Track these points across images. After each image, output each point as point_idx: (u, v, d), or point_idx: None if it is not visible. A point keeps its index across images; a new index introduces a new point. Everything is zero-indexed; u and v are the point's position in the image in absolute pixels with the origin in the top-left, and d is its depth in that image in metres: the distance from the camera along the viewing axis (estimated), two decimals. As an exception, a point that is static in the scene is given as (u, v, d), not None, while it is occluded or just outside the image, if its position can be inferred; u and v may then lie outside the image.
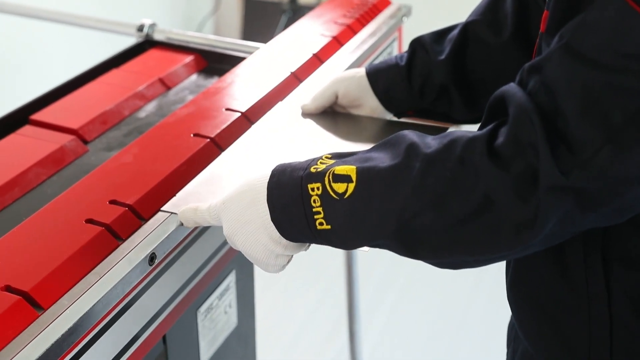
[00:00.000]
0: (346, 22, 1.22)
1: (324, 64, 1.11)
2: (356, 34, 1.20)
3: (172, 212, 0.78)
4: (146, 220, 0.77)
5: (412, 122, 0.96)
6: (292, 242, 0.71)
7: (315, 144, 0.90)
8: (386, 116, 0.97)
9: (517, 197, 0.60)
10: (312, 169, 0.68)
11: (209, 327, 1.01)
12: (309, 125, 0.94)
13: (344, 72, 0.98)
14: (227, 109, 0.97)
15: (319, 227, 0.67)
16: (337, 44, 1.16)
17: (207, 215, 0.75)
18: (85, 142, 0.98)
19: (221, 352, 1.05)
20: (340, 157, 0.69)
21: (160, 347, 0.89)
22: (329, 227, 0.67)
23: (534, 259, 0.73)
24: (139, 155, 0.87)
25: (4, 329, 0.63)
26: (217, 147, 0.90)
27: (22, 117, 1.01)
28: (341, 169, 0.67)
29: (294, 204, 0.68)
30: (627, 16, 0.57)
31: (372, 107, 0.96)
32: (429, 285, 2.29)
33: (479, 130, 0.65)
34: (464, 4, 3.33)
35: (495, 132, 0.62)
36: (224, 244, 0.90)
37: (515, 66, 0.73)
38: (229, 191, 0.73)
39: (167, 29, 1.26)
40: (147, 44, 1.25)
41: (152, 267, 0.74)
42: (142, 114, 1.06)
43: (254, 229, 0.70)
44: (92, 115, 1.01)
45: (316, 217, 0.67)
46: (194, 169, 0.85)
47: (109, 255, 0.72)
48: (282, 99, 1.01)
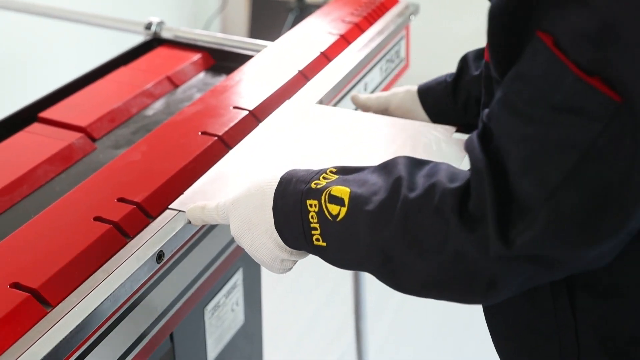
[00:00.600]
0: (354, 20, 1.21)
1: (331, 62, 1.11)
2: (364, 32, 1.20)
3: (179, 210, 0.78)
4: (154, 218, 0.77)
5: (419, 124, 0.96)
6: (296, 250, 0.71)
7: (322, 143, 0.90)
8: None
9: (484, 257, 0.59)
10: (313, 185, 0.68)
11: (216, 325, 1.01)
12: (316, 124, 0.94)
13: (401, 87, 1.03)
14: (235, 107, 0.97)
15: (315, 242, 0.68)
16: (345, 42, 1.16)
17: (214, 213, 0.75)
18: (93, 139, 0.98)
19: (228, 350, 1.05)
20: (344, 172, 0.69)
21: (167, 344, 0.89)
22: (325, 244, 0.68)
23: None
24: (147, 153, 0.87)
25: (13, 326, 0.63)
26: (225, 145, 0.90)
27: (30, 114, 1.02)
28: (337, 190, 0.67)
29: (295, 217, 0.68)
30: (555, 67, 0.55)
31: (422, 121, 1.00)
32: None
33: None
34: (471, 3, 3.32)
35: (468, 188, 0.61)
36: (231, 242, 0.90)
37: None
38: (238, 191, 0.73)
39: (175, 27, 1.26)
40: (154, 42, 1.25)
41: (160, 265, 0.74)
42: (149, 111, 1.06)
43: (260, 233, 0.71)
44: (100, 113, 1.01)
45: (313, 232, 0.68)
46: (202, 167, 0.85)
47: (117, 252, 0.72)
48: (289, 97, 1.01)
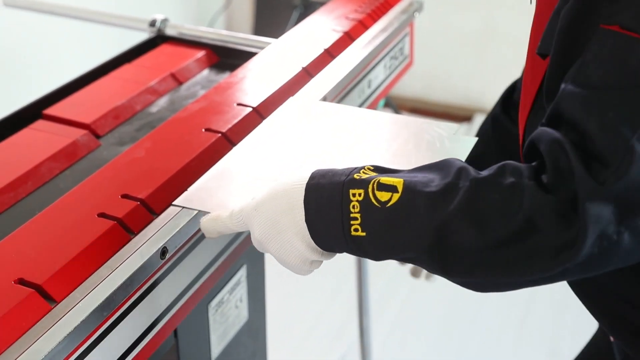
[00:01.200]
0: (358, 17, 1.21)
1: (335, 59, 1.11)
2: (368, 29, 1.20)
3: (183, 207, 0.78)
4: (158, 214, 0.77)
5: (419, 118, 0.96)
6: (326, 249, 0.71)
7: (325, 140, 0.90)
8: None
9: (560, 220, 0.63)
10: (356, 176, 0.69)
11: (220, 322, 1.01)
12: (319, 121, 0.94)
13: None
14: (239, 104, 0.97)
15: (354, 232, 0.67)
16: (349, 40, 1.16)
17: (229, 222, 0.74)
18: (97, 136, 0.98)
19: (232, 347, 1.05)
20: (383, 171, 0.70)
21: (171, 341, 0.89)
22: (364, 234, 0.67)
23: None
24: (151, 150, 0.87)
25: (17, 321, 0.63)
26: (229, 142, 0.90)
27: (35, 111, 1.02)
28: (387, 180, 0.67)
29: (332, 207, 0.68)
30: (624, 43, 0.65)
31: None
32: (439, 279, 2.28)
33: None
34: (475, 0, 3.30)
35: (539, 167, 0.66)
36: (236, 238, 0.90)
37: None
38: (258, 196, 0.72)
39: (179, 24, 1.26)
40: (159, 39, 1.25)
41: (163, 261, 0.74)
42: (154, 108, 1.06)
43: (290, 237, 0.70)
44: (104, 110, 1.01)
45: (352, 222, 0.67)
46: (206, 164, 0.85)
47: (121, 249, 0.73)
48: (293, 94, 1.01)
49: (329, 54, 1.11)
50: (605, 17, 0.66)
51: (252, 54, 1.15)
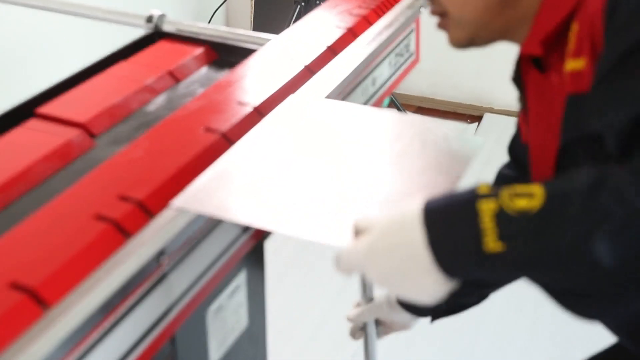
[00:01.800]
0: (362, 13, 1.19)
1: (338, 56, 1.09)
2: (372, 25, 1.18)
3: (181, 208, 0.76)
4: (155, 216, 0.75)
5: (425, 117, 0.95)
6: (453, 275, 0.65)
7: (327, 138, 0.88)
8: None
9: None
10: (480, 191, 0.64)
11: (219, 328, 0.99)
12: (321, 118, 0.92)
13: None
14: (239, 103, 0.95)
15: (488, 249, 0.62)
16: (352, 36, 1.14)
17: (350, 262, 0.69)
18: (92, 136, 0.96)
19: (231, 353, 1.03)
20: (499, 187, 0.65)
21: (168, 347, 0.87)
22: (501, 247, 0.61)
23: None
24: (148, 149, 0.85)
25: (11, 325, 0.62)
26: (229, 142, 0.88)
27: (27, 110, 1.00)
28: (522, 187, 0.62)
29: (460, 226, 0.63)
30: None
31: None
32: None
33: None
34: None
35: None
36: (235, 241, 0.87)
37: None
38: (367, 240, 0.67)
39: (177, 20, 1.24)
40: (156, 36, 1.23)
41: (160, 264, 0.72)
42: (151, 107, 1.04)
43: (416, 280, 0.65)
44: (99, 108, 0.99)
45: (486, 238, 0.62)
46: (205, 164, 0.83)
47: (117, 251, 0.71)
48: (294, 92, 0.99)
49: (332, 52, 1.10)
50: None
51: (253, 51, 1.13)
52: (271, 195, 0.78)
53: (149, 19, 1.24)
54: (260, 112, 0.94)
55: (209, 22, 3.07)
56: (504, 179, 1.14)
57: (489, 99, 3.24)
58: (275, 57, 1.08)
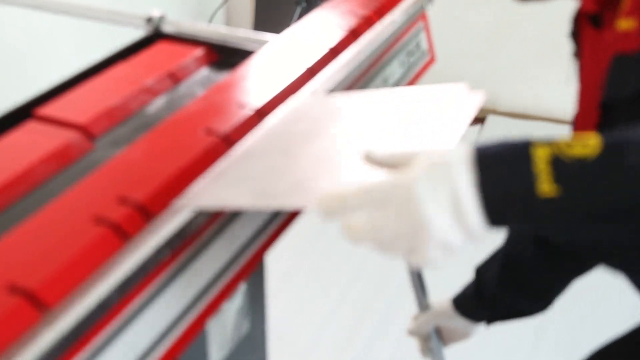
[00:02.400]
0: (363, 13, 1.18)
1: (339, 57, 1.08)
2: (373, 25, 1.17)
3: (182, 206, 0.75)
4: (155, 217, 0.75)
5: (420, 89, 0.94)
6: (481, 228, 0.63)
7: (330, 136, 0.87)
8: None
9: None
10: (533, 139, 0.63)
11: (219, 332, 0.98)
12: (323, 119, 0.91)
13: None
14: (239, 105, 0.94)
15: (541, 193, 0.60)
16: (354, 37, 1.13)
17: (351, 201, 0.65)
18: (92, 138, 0.95)
19: (232, 358, 1.03)
20: None
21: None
22: (556, 192, 0.60)
23: None
24: (148, 151, 0.84)
25: (9, 327, 0.61)
26: (229, 144, 0.87)
27: (25, 111, 0.99)
28: (577, 137, 0.61)
29: (512, 168, 0.61)
30: None
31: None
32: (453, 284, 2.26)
33: None
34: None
35: None
36: (233, 262, 0.85)
37: None
38: (411, 174, 0.63)
39: (177, 21, 1.23)
40: (155, 37, 1.23)
41: (160, 265, 0.72)
42: (151, 109, 1.04)
43: (453, 223, 0.62)
44: (99, 110, 0.98)
45: (540, 181, 0.60)
46: (205, 166, 0.83)
47: (116, 253, 0.70)
48: (295, 93, 0.98)
49: (334, 53, 1.09)
50: None
51: (253, 52, 1.13)
52: (270, 176, 0.78)
53: (149, 20, 1.23)
54: (261, 114, 0.94)
55: (209, 22, 3.07)
56: None
57: (492, 100, 3.25)
58: (275, 59, 1.08)
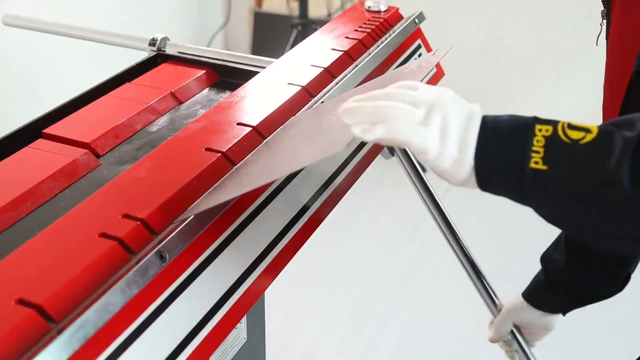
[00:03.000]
0: (358, 36, 1.21)
1: (335, 79, 1.11)
2: (369, 48, 1.20)
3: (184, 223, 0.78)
4: (158, 234, 0.77)
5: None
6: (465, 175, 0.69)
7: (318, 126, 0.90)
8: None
9: None
10: (539, 117, 0.68)
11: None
12: (321, 139, 0.93)
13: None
14: (239, 124, 0.97)
15: (533, 165, 0.66)
16: (349, 59, 1.16)
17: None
18: (97, 155, 0.98)
19: None
20: None
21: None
22: (545, 167, 0.65)
23: None
24: (151, 169, 0.87)
25: (17, 341, 0.63)
26: (229, 162, 0.90)
27: (35, 130, 1.02)
28: (579, 124, 0.66)
29: (512, 136, 0.67)
30: None
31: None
32: (454, 284, 2.27)
33: None
34: (477, 16, 3.29)
35: None
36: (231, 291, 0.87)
37: None
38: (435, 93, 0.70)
39: (179, 43, 1.26)
40: (159, 58, 1.26)
41: (163, 267, 0.74)
42: (154, 128, 1.06)
43: (448, 170, 0.69)
44: (104, 129, 1.01)
45: (533, 155, 0.66)
46: (206, 183, 0.85)
47: (121, 269, 0.72)
48: (293, 113, 1.01)
49: (330, 74, 1.12)
50: None
51: (253, 73, 1.15)
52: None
53: (153, 42, 1.25)
54: (260, 133, 0.96)
55: (208, 45, 3.10)
56: None
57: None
58: (274, 79, 1.10)
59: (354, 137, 0.68)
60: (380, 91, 0.70)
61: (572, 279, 1.12)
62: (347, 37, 1.21)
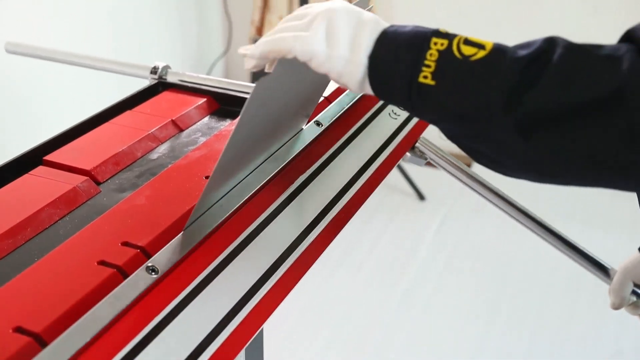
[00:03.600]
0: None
1: (332, 104, 1.12)
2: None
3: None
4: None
5: None
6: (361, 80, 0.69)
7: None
8: None
9: None
10: (441, 30, 0.67)
11: None
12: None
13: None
14: (239, 151, 0.97)
15: (422, 79, 0.65)
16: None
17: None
18: (98, 183, 0.98)
19: None
20: None
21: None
22: (433, 82, 0.65)
23: None
24: (151, 197, 0.87)
25: None
26: (229, 189, 0.90)
27: (36, 157, 1.02)
28: (476, 39, 0.66)
29: (408, 48, 0.66)
30: None
31: None
32: (461, 279, 2.26)
33: None
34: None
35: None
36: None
37: None
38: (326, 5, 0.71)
39: (180, 72, 1.27)
40: (160, 86, 1.26)
41: (153, 280, 0.73)
42: (154, 155, 1.07)
43: (348, 77, 0.69)
44: (105, 156, 1.01)
45: (424, 69, 0.65)
46: None
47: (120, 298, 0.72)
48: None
49: (327, 100, 1.12)
50: None
51: (253, 102, 1.15)
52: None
53: (154, 70, 1.26)
54: (259, 161, 0.96)
55: (208, 73, 3.12)
56: None
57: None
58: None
59: (254, 64, 0.74)
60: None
61: None
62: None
